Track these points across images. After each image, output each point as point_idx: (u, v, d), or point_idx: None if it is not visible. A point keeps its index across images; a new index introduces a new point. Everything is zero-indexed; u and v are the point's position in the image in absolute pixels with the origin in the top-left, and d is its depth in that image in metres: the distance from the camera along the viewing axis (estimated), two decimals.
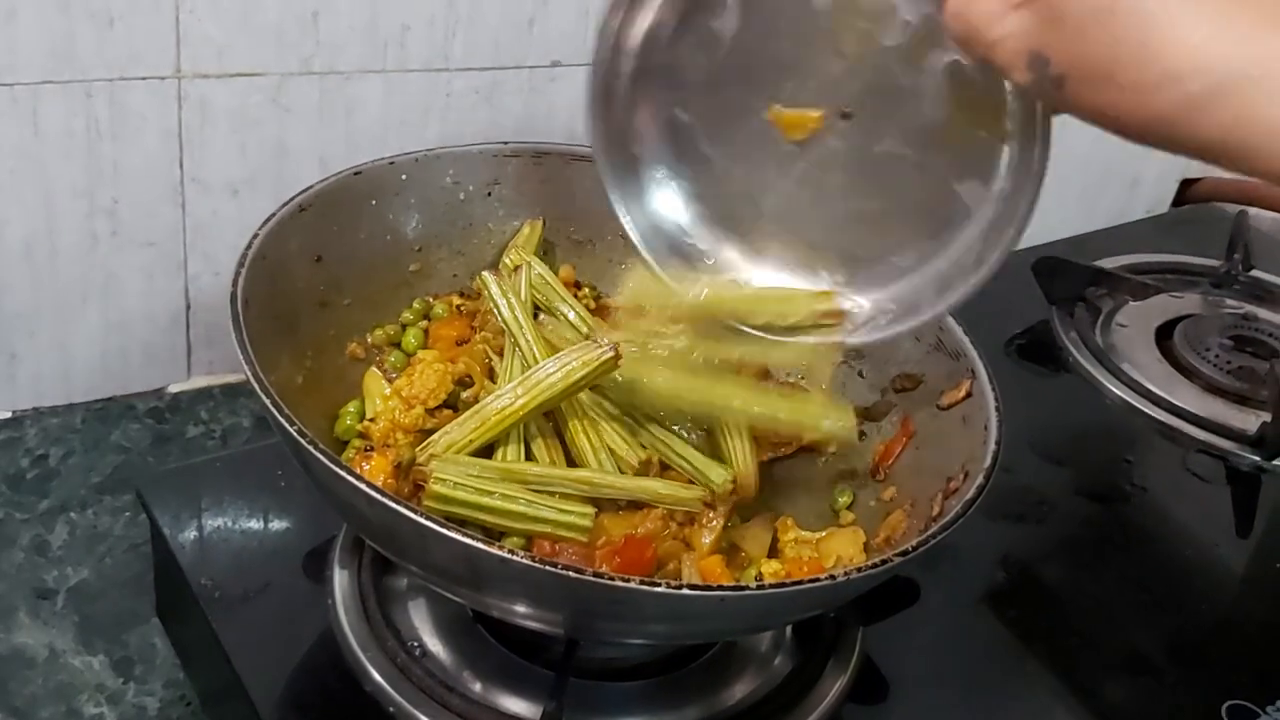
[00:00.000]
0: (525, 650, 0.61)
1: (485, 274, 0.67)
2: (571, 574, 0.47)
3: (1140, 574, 0.76)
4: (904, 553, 0.52)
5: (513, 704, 0.59)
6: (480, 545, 0.48)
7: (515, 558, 0.47)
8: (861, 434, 0.68)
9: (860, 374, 0.70)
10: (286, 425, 0.51)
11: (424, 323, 0.71)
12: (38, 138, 0.74)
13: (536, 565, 0.48)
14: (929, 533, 0.53)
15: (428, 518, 0.48)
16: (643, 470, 0.62)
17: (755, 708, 0.62)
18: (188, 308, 0.84)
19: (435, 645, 0.62)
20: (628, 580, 0.48)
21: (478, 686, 0.60)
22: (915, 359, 0.67)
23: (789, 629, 0.65)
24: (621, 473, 0.62)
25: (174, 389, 0.87)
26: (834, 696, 0.63)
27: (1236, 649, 0.73)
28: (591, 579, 0.48)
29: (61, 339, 0.82)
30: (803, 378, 0.70)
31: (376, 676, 0.60)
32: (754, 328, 0.61)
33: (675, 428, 0.66)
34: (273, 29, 0.77)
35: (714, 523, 0.61)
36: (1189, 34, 0.41)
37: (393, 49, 0.81)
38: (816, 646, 0.64)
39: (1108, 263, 1.02)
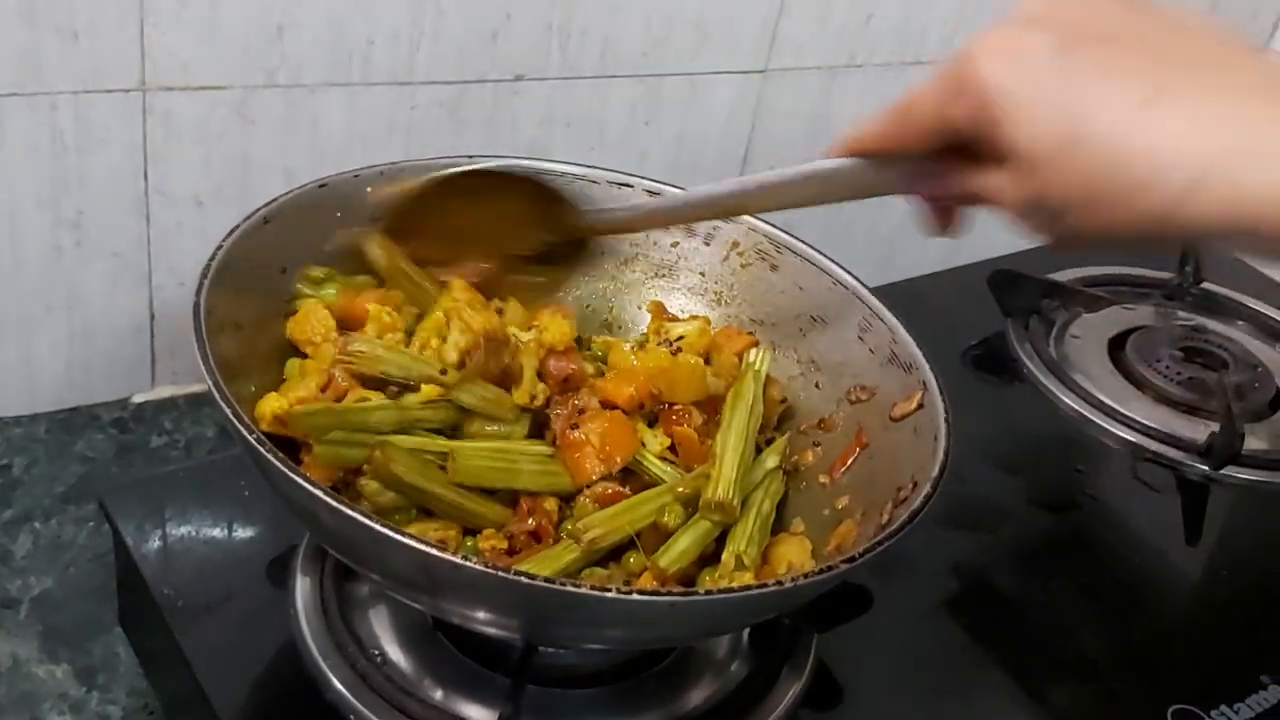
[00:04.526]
0: (485, 657, 0.62)
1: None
2: (523, 579, 0.48)
3: (1091, 581, 0.78)
4: (850, 559, 0.53)
5: (472, 710, 0.60)
6: (434, 551, 0.48)
7: (468, 564, 0.48)
8: (816, 444, 0.70)
9: (816, 385, 0.71)
10: (248, 435, 0.52)
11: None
12: (2, 149, 0.74)
13: (489, 571, 0.48)
14: (875, 540, 0.54)
15: (386, 525, 0.49)
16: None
17: (711, 713, 0.63)
18: (152, 318, 0.85)
19: (396, 652, 0.62)
20: (579, 585, 0.49)
21: (438, 693, 0.61)
22: (870, 371, 0.69)
23: (745, 636, 0.67)
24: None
25: (138, 399, 0.87)
26: (789, 702, 0.64)
27: (1183, 655, 0.74)
28: (543, 584, 0.49)
29: (26, 349, 0.82)
30: None
31: (337, 684, 0.60)
32: None
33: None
34: (237, 42, 0.77)
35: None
36: (1154, 137, 0.43)
37: (357, 62, 0.82)
38: (772, 653, 0.66)
39: (1061, 275, 1.04)
